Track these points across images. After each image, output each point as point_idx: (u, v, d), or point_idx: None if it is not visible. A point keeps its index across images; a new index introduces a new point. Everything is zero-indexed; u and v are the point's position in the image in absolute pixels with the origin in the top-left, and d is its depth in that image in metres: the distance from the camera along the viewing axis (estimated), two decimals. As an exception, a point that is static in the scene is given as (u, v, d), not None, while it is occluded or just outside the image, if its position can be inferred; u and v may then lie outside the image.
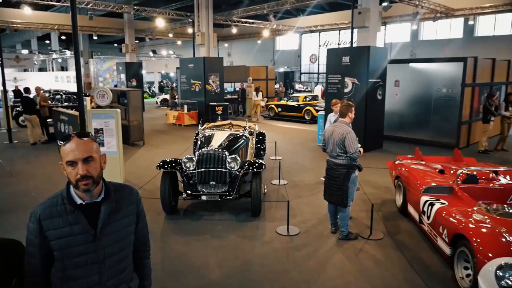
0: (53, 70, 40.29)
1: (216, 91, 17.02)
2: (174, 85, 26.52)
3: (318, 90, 25.41)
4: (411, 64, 12.88)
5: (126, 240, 1.95)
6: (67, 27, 23.30)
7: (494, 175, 5.77)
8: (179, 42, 34.12)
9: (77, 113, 7.87)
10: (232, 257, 4.88)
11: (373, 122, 11.04)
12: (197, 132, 8.56)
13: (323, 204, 5.87)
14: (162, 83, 40.63)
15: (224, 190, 6.04)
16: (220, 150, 6.24)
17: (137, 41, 27.86)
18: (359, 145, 5.26)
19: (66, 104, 15.82)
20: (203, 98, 16.57)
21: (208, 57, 16.84)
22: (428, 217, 4.97)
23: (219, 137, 7.04)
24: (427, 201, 5.10)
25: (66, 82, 30.09)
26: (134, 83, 21.71)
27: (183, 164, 6.10)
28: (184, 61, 18.28)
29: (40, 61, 44.69)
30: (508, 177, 5.73)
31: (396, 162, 6.88)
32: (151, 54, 38.77)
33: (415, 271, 4.39)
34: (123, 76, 22.50)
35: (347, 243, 5.23)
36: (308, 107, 17.43)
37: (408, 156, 7.33)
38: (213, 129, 8.09)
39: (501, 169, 5.83)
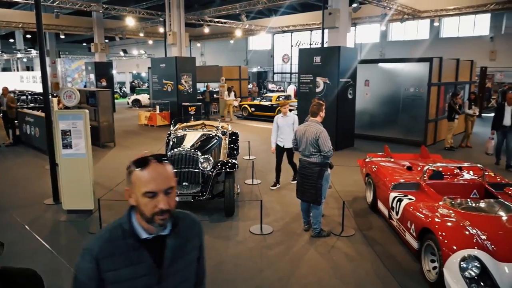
0: (17, 70, 38.73)
1: (189, 91, 16.86)
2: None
3: (291, 89, 25.66)
4: (380, 64, 13.20)
5: (191, 279, 1.67)
6: (32, 26, 22.43)
7: (458, 171, 6.02)
8: (150, 42, 33.57)
9: (43, 114, 7.60)
10: (206, 258, 4.83)
11: (344, 121, 11.25)
12: (169, 132, 8.47)
13: (295, 202, 5.93)
14: (133, 83, 39.85)
15: (197, 191, 6.00)
16: (192, 150, 6.19)
17: (107, 41, 27.19)
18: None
19: (32, 105, 15.26)
20: (176, 98, 16.38)
21: (180, 57, 16.66)
22: (397, 213, 5.11)
23: (192, 138, 6.98)
24: (395, 197, 5.24)
25: (32, 82, 28.99)
26: (104, 83, 21.18)
27: (154, 165, 6.01)
28: (156, 61, 18.01)
29: (4, 61, 42.91)
30: (471, 172, 5.98)
31: (366, 160, 7.04)
32: (121, 53, 37.95)
33: (385, 265, 4.50)
34: (92, 76, 21.90)
35: (320, 240, 5.31)
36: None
37: (378, 154, 7.52)
38: (185, 130, 8.02)
39: (465, 165, 6.07)
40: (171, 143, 7.11)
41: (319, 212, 5.37)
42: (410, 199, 5.03)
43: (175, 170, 5.88)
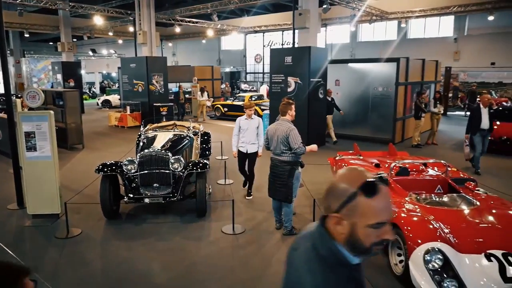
0: (-21, 70, 36.95)
1: (160, 91, 16.65)
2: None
3: (264, 89, 25.72)
4: (350, 64, 13.47)
5: None
6: (-6, 24, 21.50)
7: (423, 167, 6.22)
8: (120, 41, 32.86)
9: (5, 115, 7.30)
10: (178, 259, 4.81)
11: (315, 120, 11.41)
12: (139, 133, 8.33)
13: (267, 201, 5.97)
14: (103, 84, 38.88)
15: (167, 192, 5.93)
16: (163, 151, 6.12)
17: (74, 40, 26.39)
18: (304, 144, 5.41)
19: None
20: (147, 99, 16.13)
21: (151, 57, 16.41)
22: (366, 209, 5.23)
23: (162, 138, 6.91)
24: (364, 194, 5.36)
25: (-6, 83, 27.78)
26: (72, 84, 20.56)
27: (124, 167, 5.91)
28: (126, 61, 17.67)
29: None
30: (436, 168, 6.20)
31: (337, 158, 7.17)
32: (90, 53, 36.95)
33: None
34: (59, 76, 21.21)
35: (292, 238, 5.36)
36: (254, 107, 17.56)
37: (348, 152, 7.68)
38: (156, 130, 7.92)
39: (430, 161, 6.30)
40: (141, 144, 7.00)
41: (290, 210, 5.43)
42: (377, 195, 5.15)
43: (145, 172, 5.88)
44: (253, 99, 18.55)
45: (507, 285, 3.48)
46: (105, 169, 5.83)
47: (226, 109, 18.86)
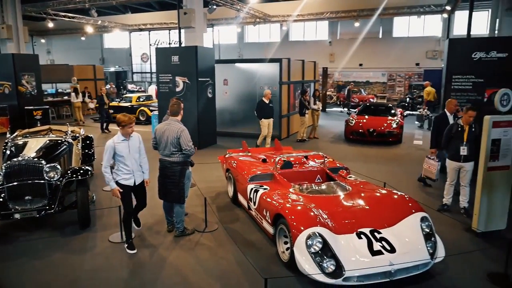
0: None
1: (33, 93, 14.89)
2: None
3: (152, 90, 24.87)
4: (236, 64, 13.84)
5: None
6: None
7: (305, 159, 6.73)
8: (-22, 36, 28.40)
9: None
10: (58, 277, 4.37)
11: (205, 119, 11.46)
12: (6, 141, 7.31)
13: (158, 204, 5.79)
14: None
15: (43, 204, 5.34)
16: (35, 159, 5.49)
17: None
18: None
19: None
20: (16, 102, 14.29)
21: (18, 54, 14.55)
22: (254, 203, 5.45)
23: (34, 145, 6.20)
24: (252, 188, 5.59)
25: None
26: None
27: (-15, 180, 5.14)
28: (-14, 59, 15.33)
29: None
30: (316, 159, 6.76)
31: (226, 156, 7.31)
32: None
33: (244, 254, 4.72)
34: None
35: (184, 239, 5.31)
36: (142, 108, 16.91)
37: (237, 149, 7.89)
38: (27, 136, 7.05)
39: (311, 153, 6.84)
40: (8, 152, 6.16)
41: (182, 211, 5.37)
42: (265, 189, 5.42)
43: (14, 183, 5.19)
44: (140, 100, 17.82)
45: (374, 257, 3.98)
46: (-39, 184, 4.99)
47: (112, 111, 17.69)
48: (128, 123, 4.79)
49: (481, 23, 20.65)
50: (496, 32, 13.04)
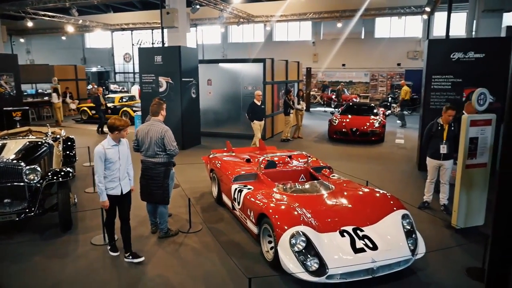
0: None
1: (11, 93, 14.54)
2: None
3: (135, 90, 24.61)
4: (220, 64, 13.81)
5: None
6: None
7: (289, 159, 6.77)
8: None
9: None
10: (38, 281, 4.29)
11: (189, 119, 11.40)
12: (-17, 143, 7.14)
13: (142, 205, 5.74)
14: None
15: (23, 207, 5.24)
16: (14, 161, 5.37)
17: None
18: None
19: None
20: (-6, 103, 13.90)
21: (-4, 54, 14.21)
22: (239, 203, 5.46)
23: (13, 146, 6.06)
24: (236, 188, 5.59)
25: None
26: None
27: (-38, 184, 5.01)
28: (-38, 58, 14.90)
29: None
30: (299, 159, 6.81)
31: (210, 156, 7.30)
32: None
33: (228, 254, 4.72)
34: None
35: (168, 240, 5.28)
36: (125, 108, 16.70)
37: (221, 149, 7.88)
38: (5, 138, 6.89)
39: (295, 153, 6.88)
40: (-15, 155, 6.01)
41: (166, 211, 5.34)
42: (249, 188, 5.43)
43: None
44: (123, 100, 17.61)
45: (357, 255, 4.03)
46: None
47: (93, 112, 17.44)
48: (125, 127, 4.51)
49: (460, 24, 21.14)
50: (473, 33, 13.36)
